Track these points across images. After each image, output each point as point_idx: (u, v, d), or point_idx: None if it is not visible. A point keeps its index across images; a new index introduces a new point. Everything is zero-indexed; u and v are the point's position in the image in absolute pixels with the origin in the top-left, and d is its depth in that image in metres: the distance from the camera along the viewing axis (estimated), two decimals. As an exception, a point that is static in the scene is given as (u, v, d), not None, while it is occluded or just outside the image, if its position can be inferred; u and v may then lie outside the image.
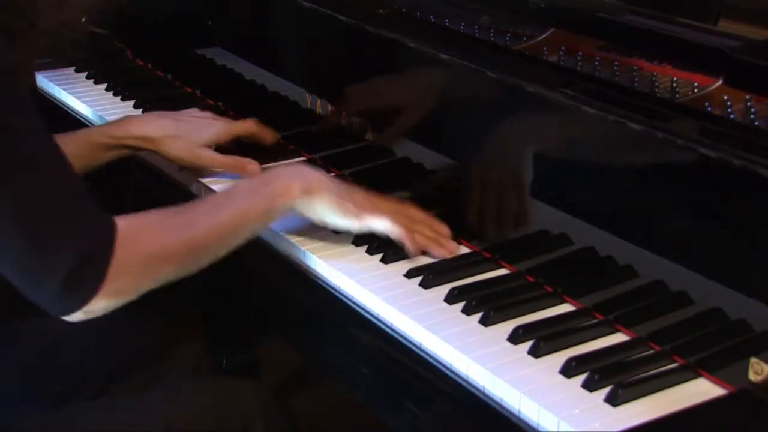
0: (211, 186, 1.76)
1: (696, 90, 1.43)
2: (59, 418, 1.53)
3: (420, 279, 1.47)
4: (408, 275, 1.48)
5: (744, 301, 1.25)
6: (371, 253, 1.53)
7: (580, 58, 1.56)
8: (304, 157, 1.88)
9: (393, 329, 1.40)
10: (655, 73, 1.50)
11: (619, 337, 1.35)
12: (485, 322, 1.37)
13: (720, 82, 1.42)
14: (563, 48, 1.60)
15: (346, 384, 1.52)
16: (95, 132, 1.80)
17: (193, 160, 1.76)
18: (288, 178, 1.49)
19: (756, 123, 1.33)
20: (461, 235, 1.57)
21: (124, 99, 2.17)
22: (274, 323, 1.73)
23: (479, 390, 1.28)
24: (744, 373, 1.20)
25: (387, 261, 1.51)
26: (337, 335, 1.50)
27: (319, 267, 1.53)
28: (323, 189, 1.49)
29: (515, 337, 1.34)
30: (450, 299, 1.42)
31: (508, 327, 1.35)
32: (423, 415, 1.35)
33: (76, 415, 1.54)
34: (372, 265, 1.51)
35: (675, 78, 1.47)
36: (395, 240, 1.51)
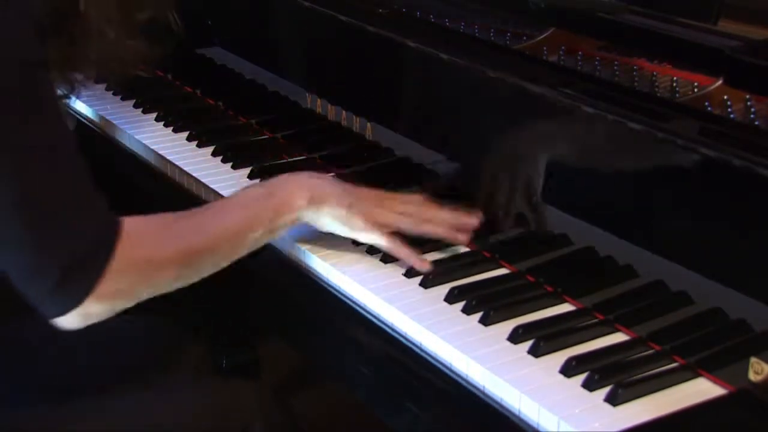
0: (213, 187, 1.76)
1: (696, 90, 1.43)
2: (59, 418, 1.53)
3: (420, 278, 1.47)
4: (408, 275, 1.48)
5: (744, 301, 1.25)
6: (371, 253, 1.53)
7: (580, 58, 1.57)
8: (303, 156, 1.88)
9: (393, 329, 1.40)
10: (655, 73, 1.50)
11: (619, 337, 1.35)
12: (485, 321, 1.37)
13: (720, 82, 1.42)
14: (563, 48, 1.60)
15: (346, 384, 1.52)
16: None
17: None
18: (295, 188, 1.47)
19: (756, 123, 1.33)
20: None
21: (124, 99, 2.17)
22: (274, 323, 1.72)
23: (479, 389, 1.28)
24: (744, 373, 1.20)
25: (387, 261, 1.51)
26: (337, 335, 1.50)
27: (319, 267, 1.53)
28: (332, 200, 1.47)
29: (515, 337, 1.34)
30: (450, 299, 1.42)
31: (508, 327, 1.35)
32: (423, 415, 1.35)
33: (76, 416, 1.54)
34: (372, 265, 1.51)
35: (675, 78, 1.48)
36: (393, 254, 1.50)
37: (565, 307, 1.42)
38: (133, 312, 1.73)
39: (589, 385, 1.24)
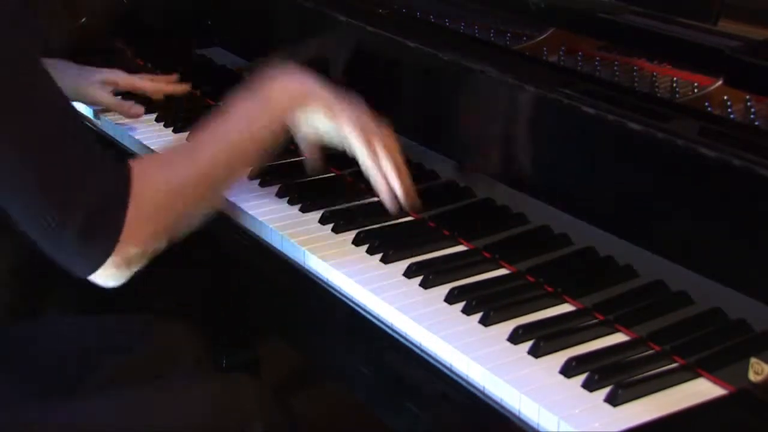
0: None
1: (696, 90, 1.43)
2: (59, 418, 1.53)
3: (420, 279, 1.47)
4: (408, 275, 1.48)
5: (744, 301, 1.25)
6: (371, 253, 1.53)
7: (580, 58, 1.57)
8: (303, 156, 1.88)
9: (393, 329, 1.40)
10: (655, 73, 1.50)
11: (619, 337, 1.35)
12: (485, 322, 1.37)
13: (720, 82, 1.42)
14: (563, 48, 1.60)
15: (346, 384, 1.52)
16: None
17: (88, 95, 1.91)
18: (285, 82, 1.50)
19: (756, 123, 1.33)
20: (461, 235, 1.57)
21: (124, 99, 2.17)
22: (274, 323, 1.73)
23: (479, 390, 1.28)
24: (744, 373, 1.20)
25: (387, 261, 1.51)
26: (337, 335, 1.50)
27: (319, 267, 1.53)
28: (319, 97, 1.49)
29: (515, 337, 1.34)
30: (450, 299, 1.42)
31: (508, 327, 1.35)
32: (423, 415, 1.35)
33: (75, 415, 1.54)
34: (372, 265, 1.51)
35: (675, 78, 1.48)
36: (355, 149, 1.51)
37: (565, 307, 1.42)
38: (134, 312, 1.74)
39: (589, 386, 1.24)
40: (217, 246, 1.70)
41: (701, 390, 1.25)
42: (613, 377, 1.25)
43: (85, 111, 2.12)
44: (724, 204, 1.28)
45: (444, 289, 1.44)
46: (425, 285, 1.46)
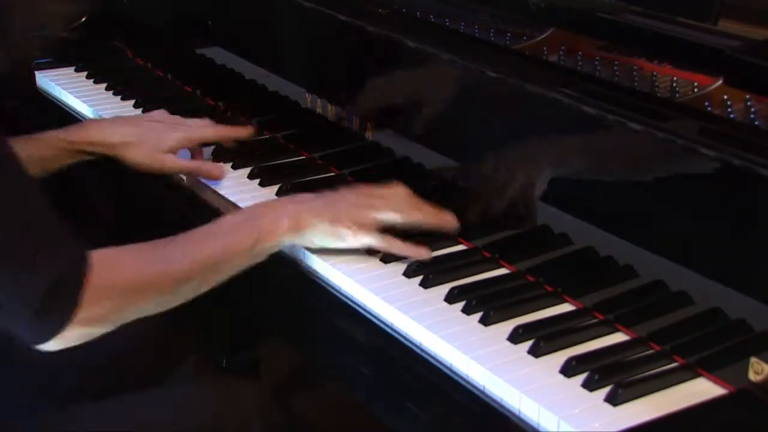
0: (213, 187, 1.76)
1: (696, 90, 1.43)
2: (59, 419, 1.53)
3: (420, 278, 1.47)
4: (408, 275, 1.48)
5: (744, 301, 1.25)
6: (371, 253, 1.53)
7: (580, 58, 1.57)
8: (303, 156, 1.88)
9: (393, 329, 1.40)
10: (655, 73, 1.50)
11: (619, 337, 1.35)
12: (485, 321, 1.37)
13: (720, 82, 1.42)
14: (563, 48, 1.60)
15: (346, 384, 1.52)
16: (54, 135, 1.79)
17: (157, 166, 1.77)
18: (275, 215, 1.47)
19: (756, 123, 1.33)
20: (461, 234, 1.57)
21: (124, 99, 2.17)
22: (274, 323, 1.72)
23: (479, 390, 1.28)
24: (744, 373, 1.20)
25: (387, 261, 1.51)
26: (337, 335, 1.50)
27: (319, 267, 1.53)
28: (314, 221, 1.48)
29: (515, 337, 1.34)
30: (450, 299, 1.42)
31: (508, 327, 1.35)
32: (423, 415, 1.35)
33: (76, 416, 1.54)
34: (372, 265, 1.51)
35: (675, 78, 1.48)
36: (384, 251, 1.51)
37: (565, 307, 1.42)
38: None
39: (589, 385, 1.24)
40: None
41: (701, 390, 1.25)
42: (613, 377, 1.25)
43: (87, 111, 2.13)
44: (724, 204, 1.28)
45: (444, 289, 1.44)
46: (425, 284, 1.46)
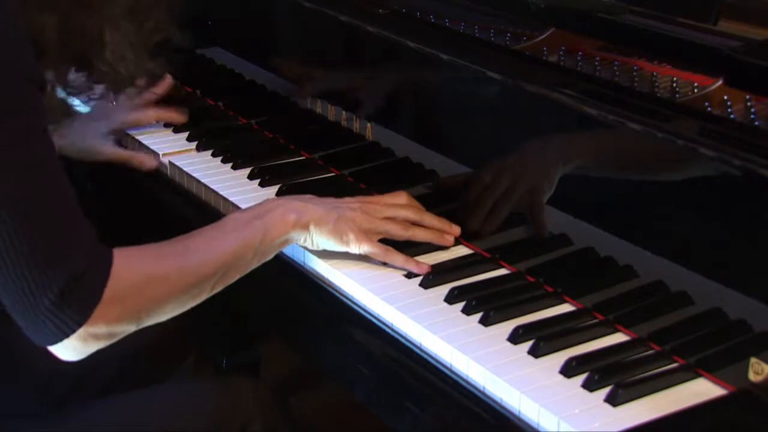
0: (214, 187, 1.76)
1: (696, 90, 1.43)
2: (60, 419, 1.53)
3: (420, 279, 1.47)
4: (408, 275, 1.48)
5: (744, 301, 1.25)
6: (371, 254, 1.53)
7: (580, 58, 1.56)
8: (303, 156, 1.88)
9: (393, 329, 1.40)
10: (655, 73, 1.50)
11: (619, 337, 1.35)
12: (485, 322, 1.37)
13: (720, 82, 1.42)
14: (563, 48, 1.60)
15: (346, 384, 1.52)
16: None
17: (98, 152, 1.84)
18: (282, 211, 1.47)
19: (756, 123, 1.33)
20: (461, 235, 1.57)
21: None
22: (274, 323, 1.72)
23: (479, 390, 1.28)
24: (744, 373, 1.20)
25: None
26: (337, 335, 1.50)
27: (320, 267, 1.53)
28: (320, 220, 1.48)
29: (515, 337, 1.34)
30: (450, 299, 1.42)
31: (508, 327, 1.35)
32: (423, 415, 1.35)
33: (76, 416, 1.54)
34: (372, 265, 1.51)
35: (675, 78, 1.47)
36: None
37: (565, 307, 1.42)
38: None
39: (589, 386, 1.24)
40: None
41: (701, 390, 1.25)
42: (613, 377, 1.25)
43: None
44: (724, 204, 1.28)
45: (444, 289, 1.44)
46: (425, 285, 1.46)
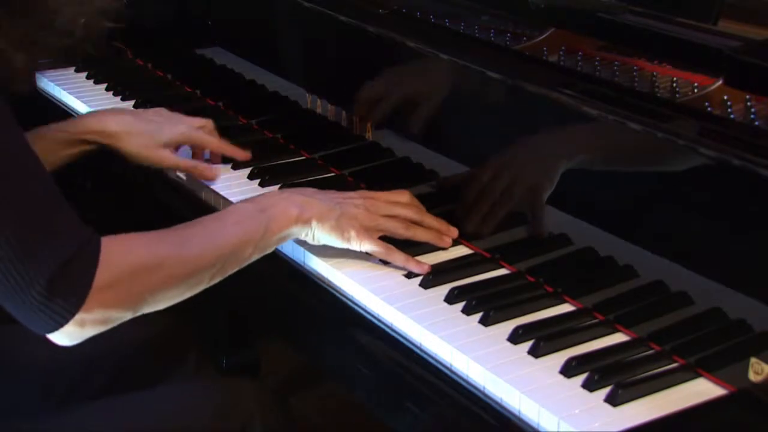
0: (213, 187, 1.76)
1: (696, 90, 1.43)
2: (60, 419, 1.53)
3: (420, 279, 1.47)
4: (408, 275, 1.48)
5: (744, 301, 1.25)
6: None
7: (580, 58, 1.57)
8: (303, 156, 1.88)
9: (393, 329, 1.40)
10: (655, 73, 1.50)
11: (619, 337, 1.35)
12: (485, 322, 1.37)
13: (720, 82, 1.42)
14: (563, 48, 1.60)
15: (346, 384, 1.52)
16: (53, 128, 1.77)
17: (154, 159, 1.75)
18: (284, 205, 1.47)
19: (756, 123, 1.33)
20: (461, 235, 1.57)
21: (124, 99, 2.17)
22: (274, 323, 1.72)
23: (479, 390, 1.28)
24: (744, 373, 1.20)
25: (387, 261, 1.51)
26: (337, 335, 1.50)
27: (320, 267, 1.53)
28: (322, 215, 1.48)
29: (515, 337, 1.34)
30: (450, 299, 1.42)
31: (508, 327, 1.35)
32: (423, 415, 1.35)
33: (76, 416, 1.54)
34: (372, 265, 1.51)
35: (675, 78, 1.48)
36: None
37: (565, 307, 1.42)
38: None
39: (589, 386, 1.24)
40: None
41: (701, 390, 1.25)
42: (613, 377, 1.25)
43: (87, 111, 2.13)
44: (724, 204, 1.28)
45: (444, 289, 1.44)
46: (425, 285, 1.46)
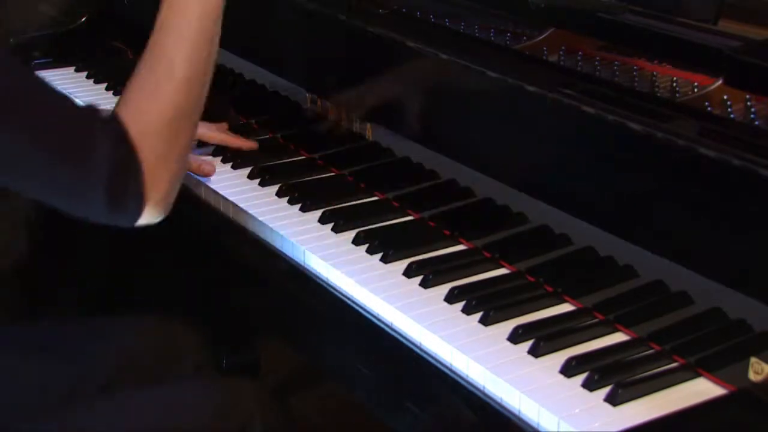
0: (213, 187, 1.76)
1: (696, 90, 1.43)
2: (60, 419, 1.53)
3: (420, 278, 1.47)
4: (408, 274, 1.48)
5: (744, 301, 1.25)
6: (371, 253, 1.53)
7: (580, 58, 1.57)
8: (303, 156, 1.88)
9: (393, 329, 1.40)
10: (655, 73, 1.50)
11: (619, 337, 1.35)
12: (485, 321, 1.37)
13: (720, 82, 1.42)
14: (563, 48, 1.60)
15: (346, 384, 1.52)
16: None
17: None
18: None
19: (756, 123, 1.33)
20: (461, 235, 1.57)
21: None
22: (274, 323, 1.72)
23: (479, 389, 1.28)
24: (744, 373, 1.20)
25: (387, 260, 1.51)
26: (337, 335, 1.50)
27: (319, 267, 1.53)
28: None
29: (515, 337, 1.34)
30: (450, 299, 1.42)
31: (508, 327, 1.35)
32: (423, 415, 1.35)
33: (76, 416, 1.54)
34: (372, 265, 1.51)
35: (675, 78, 1.48)
36: None
37: (565, 307, 1.42)
38: (134, 312, 1.73)
39: (589, 385, 1.24)
40: (218, 246, 1.70)
41: (701, 390, 1.25)
42: (613, 377, 1.25)
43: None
44: (724, 204, 1.28)
45: (444, 289, 1.44)
46: (425, 284, 1.46)
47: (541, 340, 1.32)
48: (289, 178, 1.77)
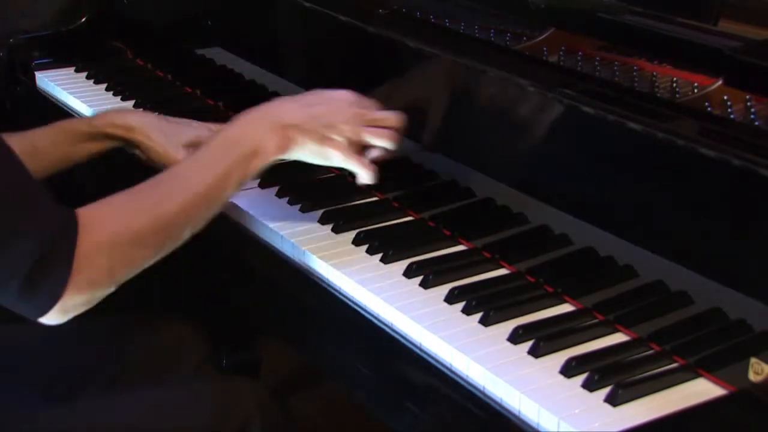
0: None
1: (696, 90, 1.43)
2: (60, 418, 1.53)
3: (420, 279, 1.47)
4: (408, 275, 1.48)
5: (744, 301, 1.25)
6: (371, 253, 1.53)
7: (580, 58, 1.57)
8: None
9: (393, 329, 1.40)
10: (655, 73, 1.50)
11: (619, 337, 1.35)
12: (485, 322, 1.37)
13: (720, 82, 1.42)
14: (563, 48, 1.60)
15: (346, 384, 1.52)
16: (76, 120, 1.77)
17: (172, 158, 1.73)
18: (260, 135, 1.43)
19: (756, 123, 1.33)
20: (461, 235, 1.57)
21: (124, 99, 2.17)
22: (274, 323, 1.72)
23: (479, 390, 1.28)
24: (744, 373, 1.20)
25: (387, 261, 1.51)
26: (337, 335, 1.50)
27: (319, 267, 1.53)
28: (303, 139, 1.45)
29: (515, 337, 1.34)
30: (450, 299, 1.42)
31: (508, 327, 1.35)
32: (423, 415, 1.35)
33: (76, 416, 1.54)
34: (372, 265, 1.51)
35: (675, 78, 1.48)
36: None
37: (565, 307, 1.42)
38: (134, 312, 1.73)
39: (589, 386, 1.24)
40: (218, 246, 1.70)
41: (701, 390, 1.25)
42: (613, 377, 1.25)
43: (87, 112, 2.13)
44: (724, 204, 1.28)
45: (444, 289, 1.44)
46: (425, 285, 1.46)
47: (541, 340, 1.32)
48: (290, 178, 1.77)
